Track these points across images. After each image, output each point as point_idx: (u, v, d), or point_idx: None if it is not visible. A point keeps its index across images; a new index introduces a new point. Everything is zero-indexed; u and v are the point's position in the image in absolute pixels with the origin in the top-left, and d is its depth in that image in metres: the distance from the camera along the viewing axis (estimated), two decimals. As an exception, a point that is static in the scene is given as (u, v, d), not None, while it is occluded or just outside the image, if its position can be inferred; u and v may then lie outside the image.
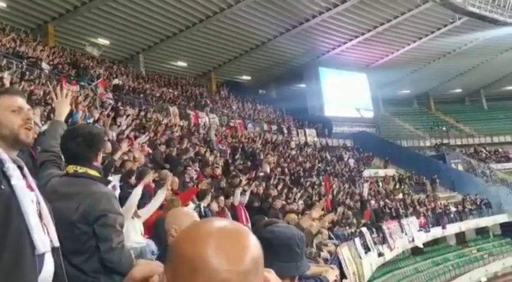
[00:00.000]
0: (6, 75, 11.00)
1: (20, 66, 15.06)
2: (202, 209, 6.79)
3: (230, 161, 15.09)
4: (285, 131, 27.96)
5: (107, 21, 23.42)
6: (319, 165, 22.96)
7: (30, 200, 1.88)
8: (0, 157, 1.84)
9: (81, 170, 2.47)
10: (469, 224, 24.17)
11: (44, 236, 1.87)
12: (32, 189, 1.94)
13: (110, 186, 4.41)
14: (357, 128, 32.92)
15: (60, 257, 1.98)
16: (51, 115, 9.32)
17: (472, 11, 28.19)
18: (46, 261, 1.89)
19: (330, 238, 9.61)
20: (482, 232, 26.71)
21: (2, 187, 1.78)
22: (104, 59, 24.52)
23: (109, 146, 7.52)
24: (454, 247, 24.83)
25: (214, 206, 7.50)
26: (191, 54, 28.46)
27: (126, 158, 7.34)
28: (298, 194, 13.68)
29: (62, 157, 2.70)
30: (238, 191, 8.97)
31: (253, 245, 0.71)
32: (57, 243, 1.95)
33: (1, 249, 1.75)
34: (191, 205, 6.67)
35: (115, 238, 2.36)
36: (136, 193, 4.84)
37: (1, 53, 15.03)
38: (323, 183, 18.39)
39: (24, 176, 1.93)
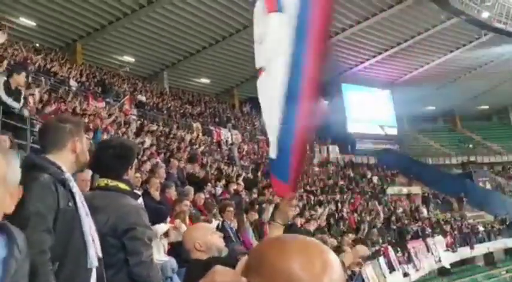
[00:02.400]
0: (36, 92, 11.25)
1: (48, 83, 15.45)
2: (227, 226, 6.73)
3: (252, 177, 15.07)
4: (308, 147, 27.78)
5: (132, 39, 23.93)
6: (342, 182, 22.73)
7: (87, 218, 2.09)
8: (65, 176, 2.06)
9: (112, 183, 2.50)
10: (498, 245, 23.45)
11: (94, 251, 2.07)
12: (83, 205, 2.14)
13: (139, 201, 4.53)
14: (381, 145, 32.53)
15: (102, 268, 2.13)
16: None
17: (498, 27, 27.79)
18: (92, 276, 2.07)
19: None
20: (511, 253, 25.86)
21: (70, 204, 2.02)
22: (128, 76, 25.00)
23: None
24: (482, 268, 24.06)
25: (234, 224, 7.44)
26: (214, 71, 28.76)
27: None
28: (319, 211, 13.55)
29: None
30: (271, 207, 8.86)
31: (339, 265, 0.75)
32: (100, 254, 2.11)
33: (63, 261, 1.98)
34: (214, 222, 6.65)
35: (144, 252, 2.37)
36: (162, 229, 4.93)
37: (31, 71, 15.46)
38: (352, 201, 18.15)
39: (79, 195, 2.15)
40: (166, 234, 5.03)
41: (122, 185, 2.50)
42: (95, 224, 2.31)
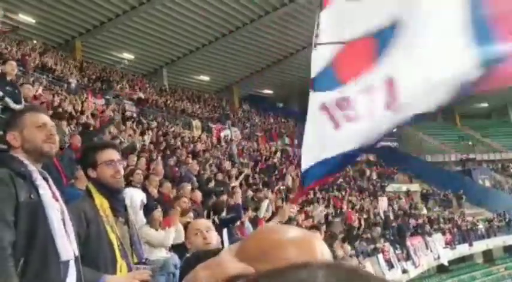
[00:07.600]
0: (36, 88, 11.26)
1: (48, 80, 15.45)
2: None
3: (251, 174, 15.07)
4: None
5: (132, 36, 23.91)
6: (341, 180, 22.71)
7: (56, 209, 2.03)
8: (29, 169, 2.02)
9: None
10: (497, 242, 23.48)
11: (68, 244, 2.01)
12: (56, 200, 2.08)
13: (138, 201, 4.65)
14: (380, 142, 32.43)
15: (80, 266, 2.07)
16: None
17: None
18: (70, 269, 2.01)
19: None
20: (510, 250, 25.91)
21: (32, 197, 1.96)
22: (127, 73, 24.98)
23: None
24: (481, 265, 24.12)
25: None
26: (214, 68, 28.74)
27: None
28: (319, 208, 13.56)
29: None
30: (265, 203, 8.85)
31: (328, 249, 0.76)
32: (77, 252, 2.07)
33: (28, 257, 1.89)
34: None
35: None
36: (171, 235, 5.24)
37: (31, 68, 15.44)
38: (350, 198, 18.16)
39: (49, 186, 2.09)
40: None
41: (89, 185, 2.53)
42: None
